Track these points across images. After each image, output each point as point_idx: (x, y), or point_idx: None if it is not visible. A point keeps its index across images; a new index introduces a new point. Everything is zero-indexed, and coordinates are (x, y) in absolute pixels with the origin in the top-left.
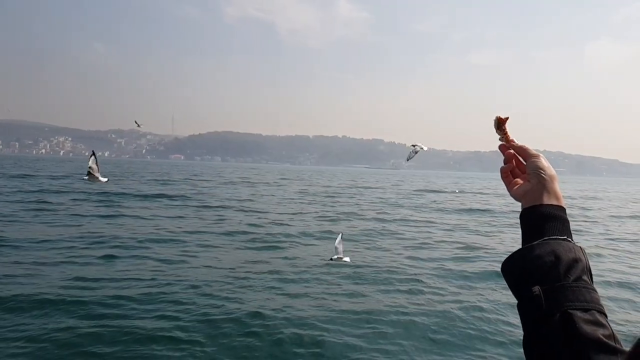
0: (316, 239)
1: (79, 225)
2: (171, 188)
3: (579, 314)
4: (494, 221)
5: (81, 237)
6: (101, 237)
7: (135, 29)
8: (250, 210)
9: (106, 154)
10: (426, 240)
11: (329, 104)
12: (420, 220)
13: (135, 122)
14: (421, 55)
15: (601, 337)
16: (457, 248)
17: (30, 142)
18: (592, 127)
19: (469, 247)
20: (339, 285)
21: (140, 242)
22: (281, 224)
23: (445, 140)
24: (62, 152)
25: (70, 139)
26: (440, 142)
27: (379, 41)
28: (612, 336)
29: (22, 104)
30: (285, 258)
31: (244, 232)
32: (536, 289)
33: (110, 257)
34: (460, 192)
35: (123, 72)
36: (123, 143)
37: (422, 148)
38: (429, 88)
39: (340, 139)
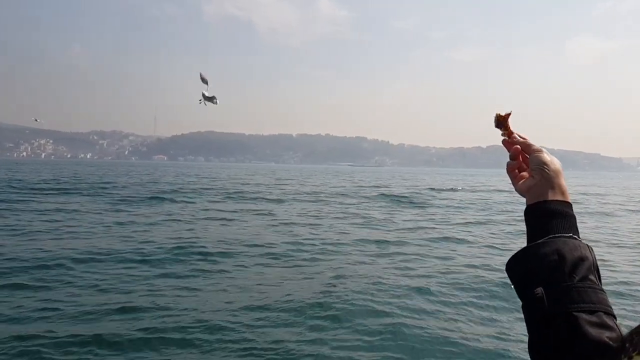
0: None
1: None
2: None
3: (584, 316)
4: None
5: None
6: None
7: (114, 29)
8: None
9: (88, 156)
10: None
11: (312, 102)
12: None
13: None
14: (402, 53)
15: (607, 340)
16: None
17: (11, 145)
18: (574, 121)
19: None
20: None
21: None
22: None
23: (428, 137)
24: (43, 154)
25: (51, 141)
26: (424, 139)
27: (359, 39)
28: (620, 339)
29: (1, 106)
30: None
31: None
32: (539, 290)
33: None
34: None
35: (103, 73)
36: (105, 144)
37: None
38: (411, 85)
39: (324, 137)
